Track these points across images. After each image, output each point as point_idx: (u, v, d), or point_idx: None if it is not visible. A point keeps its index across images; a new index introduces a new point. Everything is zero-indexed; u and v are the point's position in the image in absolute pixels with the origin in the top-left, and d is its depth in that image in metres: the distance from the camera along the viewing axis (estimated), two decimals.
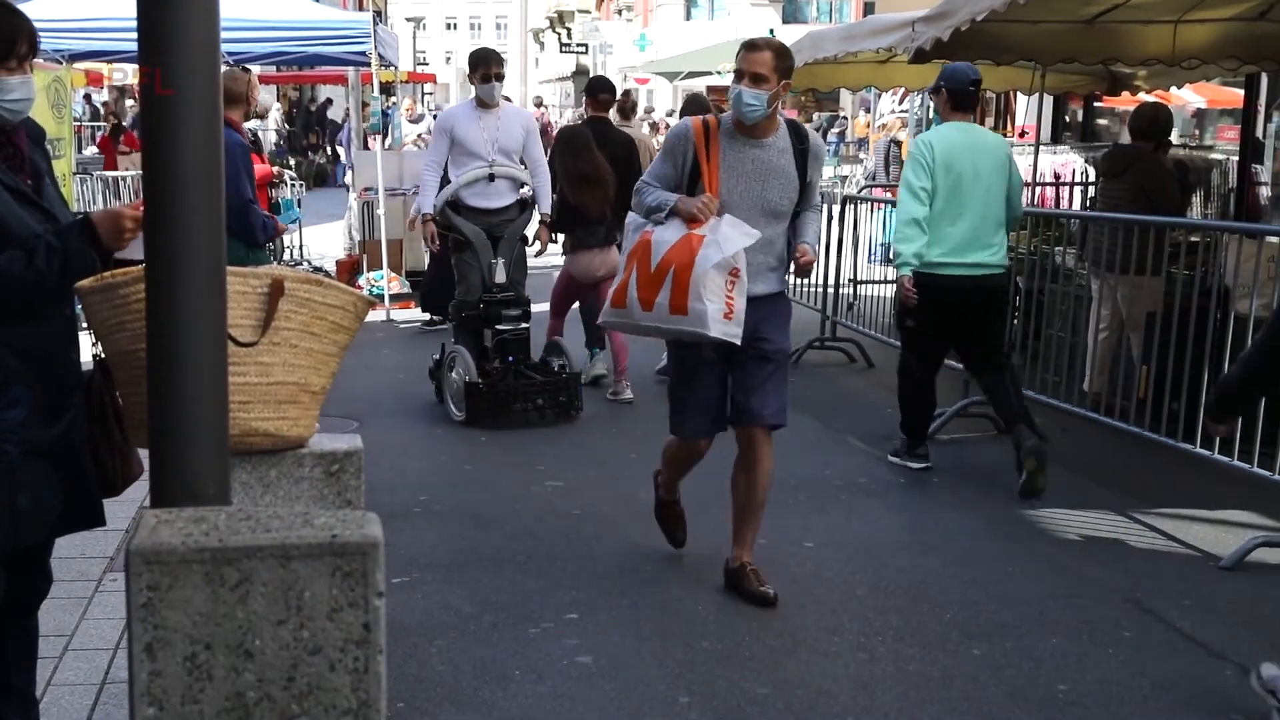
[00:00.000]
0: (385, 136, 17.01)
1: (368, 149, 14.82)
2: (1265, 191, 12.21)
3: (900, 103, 20.25)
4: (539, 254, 8.57)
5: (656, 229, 4.76)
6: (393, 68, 15.24)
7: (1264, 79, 11.49)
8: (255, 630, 2.22)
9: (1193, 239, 7.65)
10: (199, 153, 2.37)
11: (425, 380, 8.40)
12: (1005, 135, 17.31)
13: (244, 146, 6.58)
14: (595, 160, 8.09)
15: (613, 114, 9.79)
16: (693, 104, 9.55)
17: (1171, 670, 4.38)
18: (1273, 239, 6.68)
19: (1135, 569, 5.36)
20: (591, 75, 14.24)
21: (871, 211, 11.08)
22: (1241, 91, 12.20)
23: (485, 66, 8.09)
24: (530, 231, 8.26)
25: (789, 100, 26.57)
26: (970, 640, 4.57)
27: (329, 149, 27.60)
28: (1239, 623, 4.78)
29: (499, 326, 7.91)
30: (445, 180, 8.11)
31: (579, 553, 5.46)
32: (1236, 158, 12.33)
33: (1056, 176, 13.16)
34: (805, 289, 10.56)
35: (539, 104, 36.93)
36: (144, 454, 2.65)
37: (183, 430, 2.40)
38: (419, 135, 20.38)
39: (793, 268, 4.97)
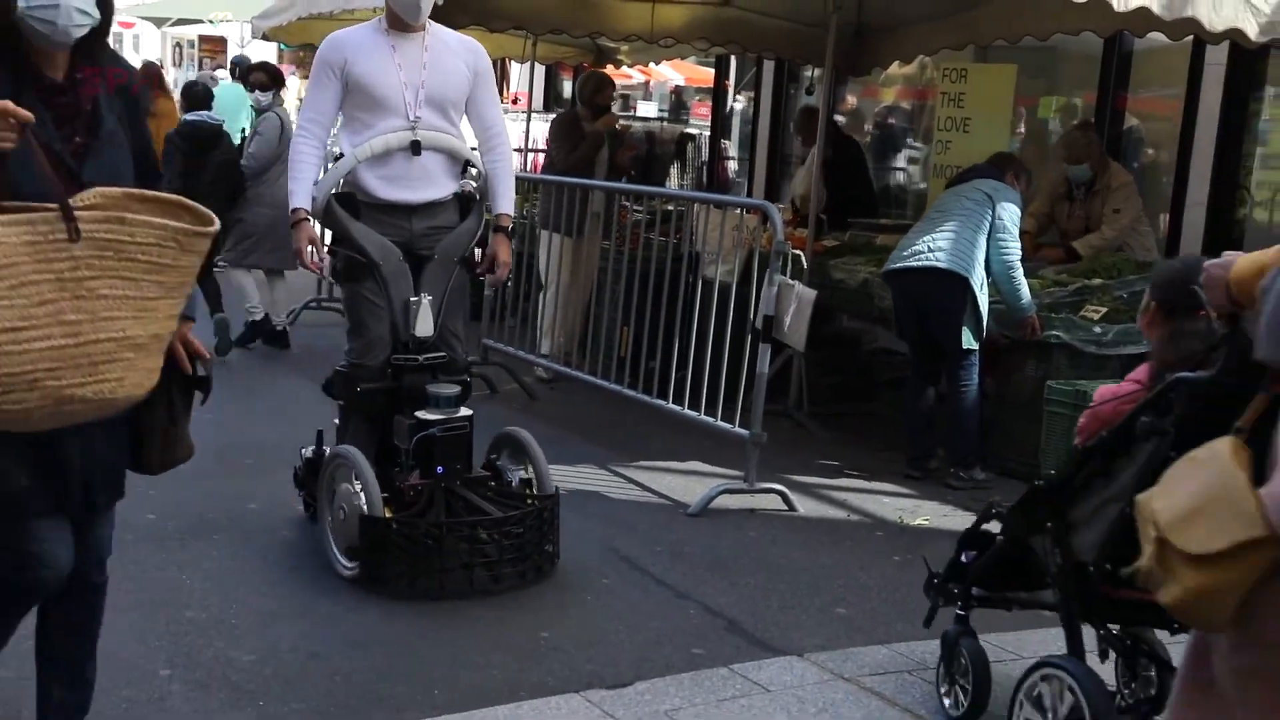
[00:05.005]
0: None
1: None
2: (733, 165, 13.26)
3: None
4: (493, 285, 5.84)
5: None
6: None
7: (732, 60, 12.45)
8: None
9: (668, 208, 8.18)
10: None
11: None
12: (500, 102, 17.75)
13: None
14: None
15: None
16: None
17: (644, 612, 4.69)
18: (736, 209, 7.29)
19: (615, 519, 5.69)
20: None
21: None
22: (714, 71, 13.18)
23: None
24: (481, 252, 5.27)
25: (285, 55, 25.74)
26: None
27: None
28: (702, 564, 5.19)
29: (421, 415, 4.82)
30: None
31: None
32: (709, 133, 13.34)
33: (548, 143, 13.67)
34: None
35: None
36: None
37: None
38: None
39: None
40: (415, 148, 4.86)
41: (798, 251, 6.73)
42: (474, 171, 5.16)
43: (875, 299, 7.21)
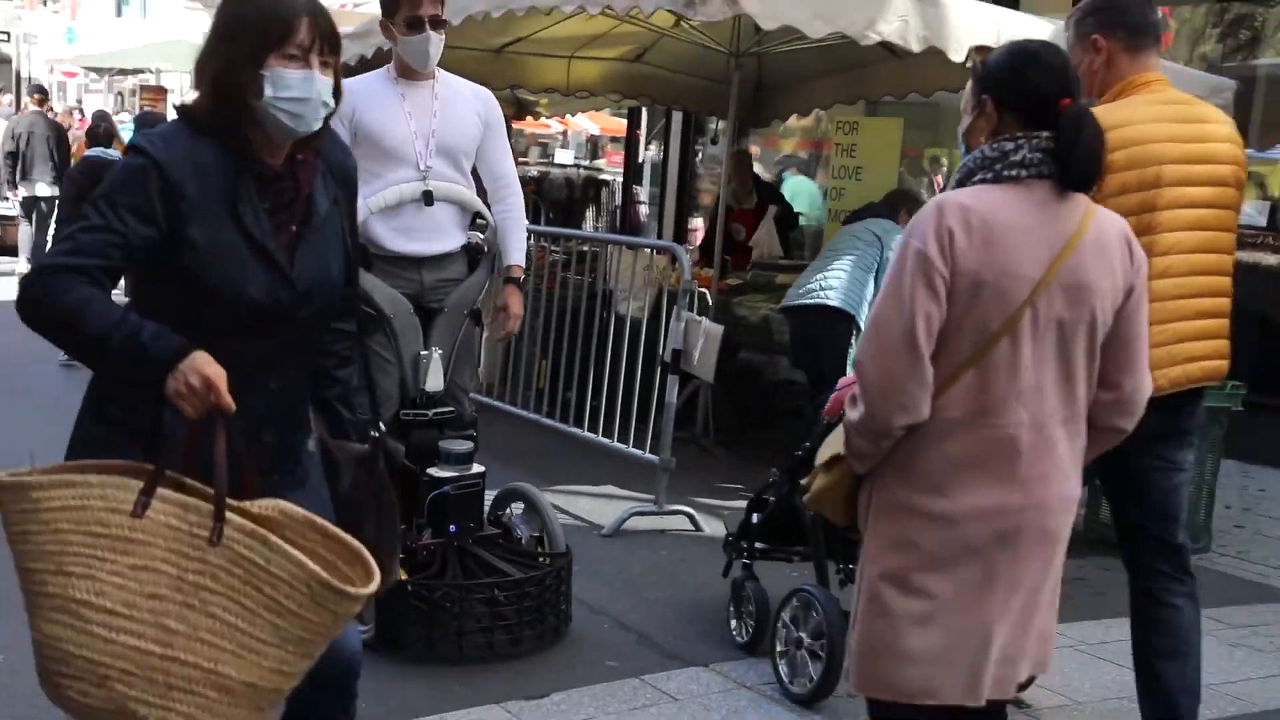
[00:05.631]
0: None
1: None
2: (644, 209, 13.65)
3: None
4: (500, 338, 5.38)
5: None
6: None
7: (644, 112, 12.88)
8: None
9: (583, 249, 8.55)
10: None
11: None
12: (510, 152, 18.26)
13: None
14: None
15: None
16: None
17: (560, 627, 4.85)
18: (647, 250, 7.67)
19: None
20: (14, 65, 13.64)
21: None
22: (626, 121, 13.63)
23: (412, 4, 4.59)
24: (482, 305, 5.03)
25: None
26: None
27: None
28: (616, 582, 5.43)
29: (434, 472, 4.62)
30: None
31: None
32: (622, 179, 13.77)
33: None
34: None
35: None
36: None
37: None
38: None
39: None
40: (427, 198, 4.64)
41: (704, 290, 7.11)
42: (482, 223, 4.98)
43: (775, 333, 7.57)
